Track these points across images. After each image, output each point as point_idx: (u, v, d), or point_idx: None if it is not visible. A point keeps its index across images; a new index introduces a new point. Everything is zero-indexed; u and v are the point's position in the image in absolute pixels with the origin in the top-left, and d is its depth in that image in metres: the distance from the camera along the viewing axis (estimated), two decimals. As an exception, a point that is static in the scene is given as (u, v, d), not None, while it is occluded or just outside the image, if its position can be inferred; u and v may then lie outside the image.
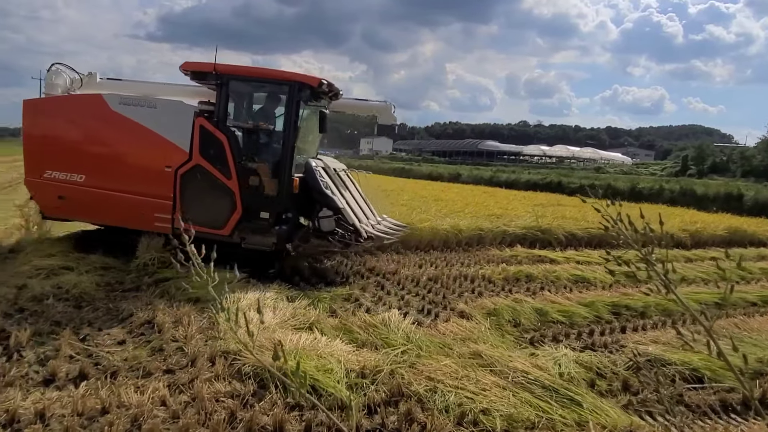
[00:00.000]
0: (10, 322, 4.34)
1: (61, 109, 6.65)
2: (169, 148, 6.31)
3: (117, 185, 6.42)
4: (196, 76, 6.82)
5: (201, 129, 6.33)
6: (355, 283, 6.55)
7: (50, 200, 6.52)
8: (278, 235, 6.40)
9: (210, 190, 6.36)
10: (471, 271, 7.62)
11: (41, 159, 6.46)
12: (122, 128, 6.34)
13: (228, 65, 6.52)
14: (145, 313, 4.78)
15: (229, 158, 6.32)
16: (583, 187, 27.39)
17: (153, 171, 6.34)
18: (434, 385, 3.60)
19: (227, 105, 6.53)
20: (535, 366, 3.96)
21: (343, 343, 4.23)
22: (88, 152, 6.47)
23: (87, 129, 6.51)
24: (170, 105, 6.66)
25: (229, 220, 6.38)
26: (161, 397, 3.29)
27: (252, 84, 6.97)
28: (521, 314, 5.54)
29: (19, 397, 3.17)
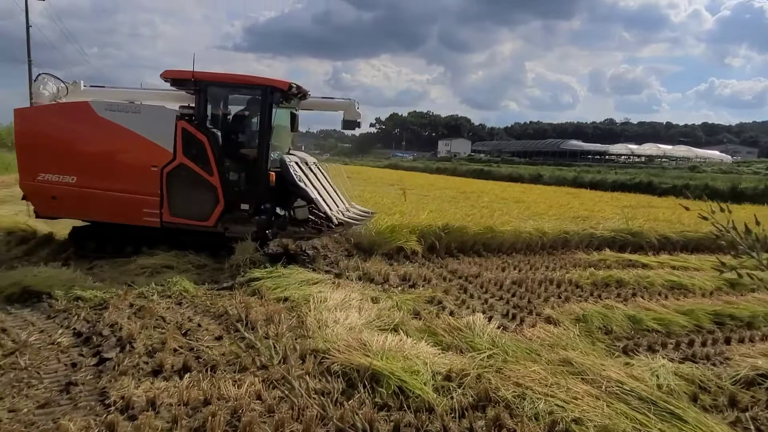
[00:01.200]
0: (121, 316, 4.72)
1: (51, 116, 7.15)
2: (154, 149, 6.85)
3: (107, 185, 6.94)
4: (175, 83, 7.36)
5: (183, 131, 6.87)
6: (437, 285, 6.55)
7: (44, 201, 7.00)
8: (258, 223, 7.07)
9: (194, 186, 6.95)
10: (557, 275, 7.39)
11: (34, 163, 6.94)
12: (109, 132, 6.85)
13: (205, 72, 7.10)
14: (239, 311, 5.03)
15: (210, 157, 6.90)
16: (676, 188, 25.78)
17: (140, 170, 6.89)
18: (522, 392, 3.54)
19: (206, 108, 7.07)
20: (630, 376, 3.78)
21: (428, 346, 4.24)
22: (78, 155, 6.94)
23: (76, 134, 6.97)
24: (153, 110, 7.26)
25: (213, 213, 7.00)
26: (257, 392, 3.45)
27: (228, 89, 7.46)
28: (613, 321, 5.30)
29: (132, 386, 3.44)
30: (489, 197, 16.55)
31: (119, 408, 3.18)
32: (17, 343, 4.08)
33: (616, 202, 16.75)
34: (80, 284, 5.52)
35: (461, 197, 16.04)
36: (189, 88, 7.30)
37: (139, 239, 7.14)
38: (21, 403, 3.24)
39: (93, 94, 7.89)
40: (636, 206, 15.61)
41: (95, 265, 6.50)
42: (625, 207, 14.63)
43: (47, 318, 4.76)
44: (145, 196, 6.90)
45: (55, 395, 3.37)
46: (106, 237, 7.27)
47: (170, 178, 6.89)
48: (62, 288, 5.31)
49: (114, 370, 3.70)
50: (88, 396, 3.37)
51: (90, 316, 4.79)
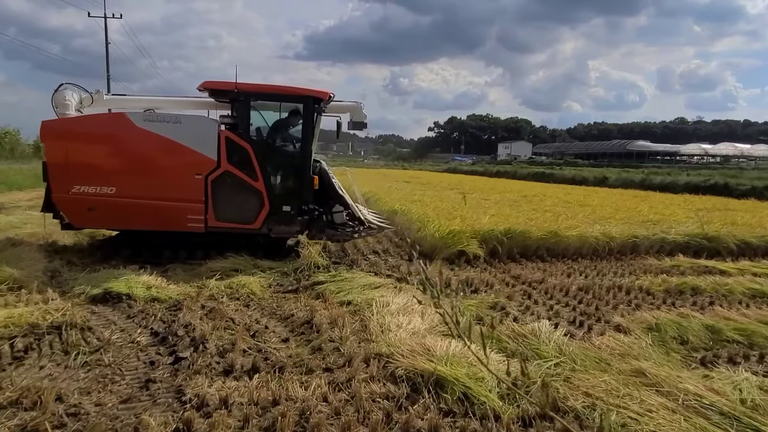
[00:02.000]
0: (194, 317, 4.93)
1: (83, 128, 7.21)
2: (197, 157, 7.05)
3: (149, 193, 7.09)
4: (214, 93, 7.63)
5: (227, 140, 7.13)
6: (500, 291, 6.45)
7: (80, 212, 7.05)
8: (301, 224, 7.54)
9: (240, 192, 7.24)
10: (626, 281, 7.11)
11: (68, 176, 6.93)
12: (150, 142, 6.97)
13: (248, 84, 7.33)
14: (304, 314, 5.15)
15: (254, 163, 7.22)
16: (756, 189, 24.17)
17: (183, 178, 7.08)
18: (592, 402, 3.43)
19: (249, 118, 7.34)
20: (710, 389, 3.57)
21: (492, 352, 4.18)
22: (117, 166, 7.03)
23: (114, 145, 7.04)
24: (195, 120, 7.45)
25: (259, 216, 7.34)
26: (323, 394, 3.52)
27: (270, 98, 7.68)
28: (689, 331, 5.04)
29: (206, 384, 3.59)
30: (552, 201, 16.12)
31: (194, 405, 3.32)
32: (101, 341, 4.34)
33: (689, 205, 15.90)
34: (156, 286, 5.83)
35: (523, 201, 15.72)
36: (231, 98, 7.47)
37: (175, 244, 7.39)
38: (106, 398, 3.45)
39: (115, 103, 8.10)
40: (711, 209, 14.75)
41: (169, 269, 6.83)
42: (699, 210, 13.87)
43: (127, 318, 5.05)
44: (189, 203, 7.12)
45: (135, 391, 3.56)
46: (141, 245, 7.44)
47: (215, 185, 7.14)
48: (140, 290, 5.62)
49: (188, 368, 3.87)
50: (166, 393, 3.54)
51: (165, 316, 5.04)
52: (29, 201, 14.17)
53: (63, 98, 7.37)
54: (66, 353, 4.12)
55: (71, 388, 3.53)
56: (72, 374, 3.78)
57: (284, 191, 7.50)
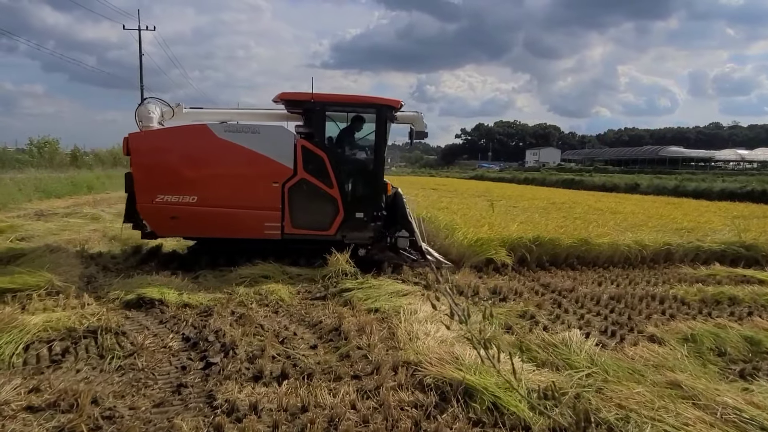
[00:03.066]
0: (224, 323, 5.00)
1: (168, 139, 7.43)
2: (275, 166, 7.25)
3: (229, 202, 7.27)
4: (288, 104, 7.86)
5: (303, 149, 7.31)
6: (530, 299, 6.36)
7: (163, 221, 7.25)
8: (375, 230, 7.67)
9: (315, 199, 7.41)
10: (659, 290, 6.94)
11: (152, 185, 7.13)
12: (230, 152, 7.19)
13: (324, 94, 7.53)
14: (332, 321, 5.17)
15: (330, 171, 7.38)
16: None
17: (261, 187, 7.27)
18: (626, 414, 3.34)
19: (324, 127, 7.51)
20: (750, 403, 3.45)
21: (521, 361, 4.13)
22: (199, 176, 7.22)
23: (196, 155, 7.26)
24: (272, 130, 7.60)
25: (334, 222, 7.50)
26: (351, 401, 3.52)
27: (345, 108, 7.91)
28: (726, 342, 4.88)
29: (236, 390, 3.63)
30: (582, 208, 15.87)
31: (225, 410, 3.36)
32: (135, 345, 4.44)
33: (725, 212, 15.46)
34: (188, 292, 5.93)
35: (552, 208, 15.51)
36: (306, 108, 7.65)
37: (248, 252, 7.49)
38: (139, 401, 3.52)
39: (193, 116, 8.37)
40: (749, 217, 14.32)
41: (200, 275, 6.94)
42: (736, 217, 13.47)
43: (159, 323, 5.15)
44: (267, 211, 7.31)
45: (168, 395, 3.63)
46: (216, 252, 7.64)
47: (291, 193, 7.33)
48: (172, 295, 5.73)
49: (219, 374, 3.92)
50: (197, 398, 3.60)
51: (196, 322, 5.12)
52: (66, 208, 14.61)
53: (147, 111, 7.62)
54: (101, 357, 4.22)
55: (106, 392, 3.61)
56: (107, 378, 3.87)
57: (358, 198, 7.65)
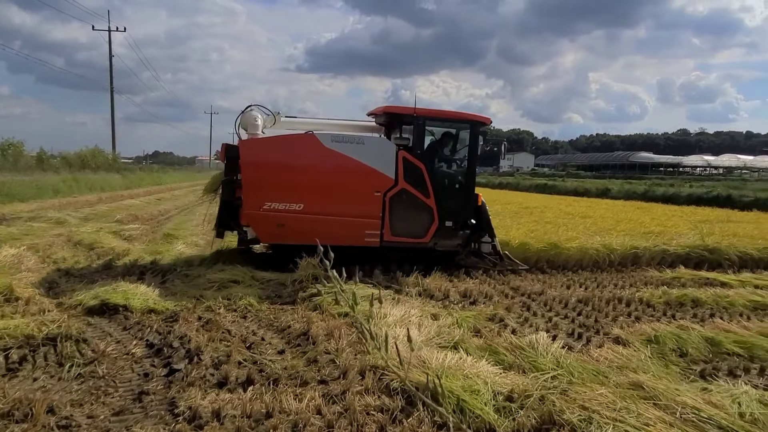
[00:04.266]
0: (190, 328, 4.91)
1: (276, 147, 7.55)
2: (378, 176, 7.53)
3: (333, 210, 7.47)
4: (391, 117, 8.19)
5: (404, 160, 7.63)
6: (499, 302, 6.41)
7: (269, 228, 7.34)
8: (463, 237, 8.13)
9: (413, 208, 7.74)
10: (626, 293, 7.06)
11: (260, 193, 7.23)
12: (336, 162, 7.37)
13: (424, 109, 7.91)
14: (301, 325, 5.13)
15: (427, 181, 7.73)
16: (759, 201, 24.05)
17: (364, 196, 7.55)
18: (589, 415, 3.38)
19: (423, 140, 7.87)
20: (709, 403, 3.53)
21: (489, 364, 4.14)
22: (305, 184, 7.35)
23: (304, 164, 7.37)
24: (375, 141, 7.97)
25: (429, 230, 7.85)
26: (317, 406, 3.49)
27: (442, 122, 8.35)
28: (688, 343, 4.99)
29: (199, 397, 3.56)
30: (553, 212, 16.09)
31: (186, 418, 3.29)
32: (96, 352, 4.32)
33: (691, 217, 15.86)
34: (153, 298, 5.81)
35: (524, 212, 15.70)
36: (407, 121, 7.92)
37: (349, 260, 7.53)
38: (98, 410, 3.42)
39: (289, 125, 8.44)
40: (713, 221, 14.71)
41: (167, 280, 6.82)
42: (701, 222, 13.83)
43: (123, 329, 5.03)
44: (368, 219, 7.56)
45: (128, 403, 3.54)
46: None
47: (392, 202, 7.62)
48: (137, 301, 5.61)
49: (183, 381, 3.84)
50: (159, 405, 3.52)
51: (162, 328, 5.02)
52: (30, 212, 14.22)
53: (253, 119, 7.74)
54: (60, 365, 4.10)
55: (63, 400, 3.50)
56: (65, 386, 3.76)
57: (450, 207, 7.94)
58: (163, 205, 17.63)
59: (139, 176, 35.27)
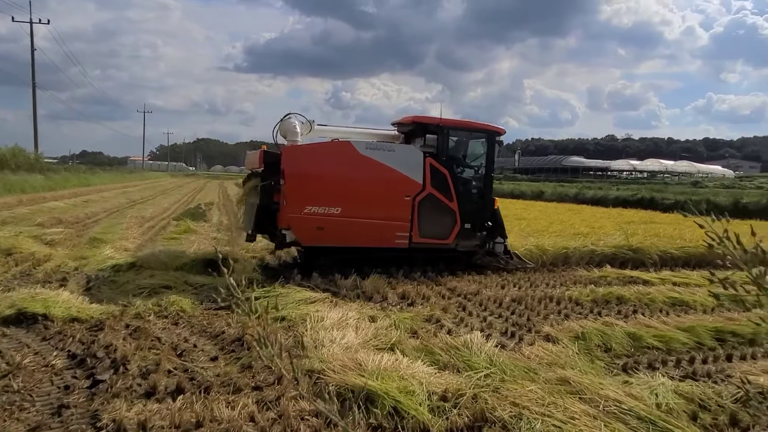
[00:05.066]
0: (117, 337, 4.69)
1: (317, 154, 7.93)
2: (407, 181, 8.00)
3: (367, 213, 7.86)
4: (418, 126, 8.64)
5: (430, 166, 8.10)
6: (436, 303, 6.51)
7: (310, 231, 7.61)
8: (480, 238, 8.72)
9: (439, 211, 8.22)
10: (557, 292, 7.34)
11: (302, 197, 7.52)
12: (370, 168, 7.81)
13: (448, 119, 8.56)
14: (235, 331, 5.01)
15: (450, 186, 8.27)
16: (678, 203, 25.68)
17: (396, 200, 7.99)
18: (519, 412, 3.48)
19: (447, 147, 8.45)
20: (629, 395, 3.72)
21: (424, 365, 4.19)
22: (343, 189, 7.75)
23: (342, 169, 7.76)
24: (405, 148, 8.47)
25: (452, 232, 8.36)
26: (250, 413, 3.41)
27: (464, 132, 8.99)
28: (612, 339, 5.25)
29: (124, 408, 3.40)
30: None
31: (110, 431, 3.14)
32: (11, 365, 4.05)
33: (618, 218, 16.71)
34: (76, 305, 5.51)
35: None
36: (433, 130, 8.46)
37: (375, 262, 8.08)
38: (12, 426, 3.20)
39: (322, 132, 8.76)
40: (638, 222, 15.56)
41: (93, 287, 6.49)
42: (626, 223, 14.58)
43: (42, 340, 4.74)
44: (398, 222, 7.98)
45: (46, 418, 3.33)
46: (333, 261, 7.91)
47: (420, 206, 8.07)
48: (59, 309, 5.30)
49: (107, 392, 3.66)
50: (80, 419, 3.33)
51: (85, 337, 4.77)
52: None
53: (293, 126, 8.10)
54: (-31, 380, 3.81)
55: (-28, 418, 3.26)
56: (-25, 402, 3.50)
57: (470, 210, 8.48)
58: (91, 207, 16.75)
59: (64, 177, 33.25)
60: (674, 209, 24.08)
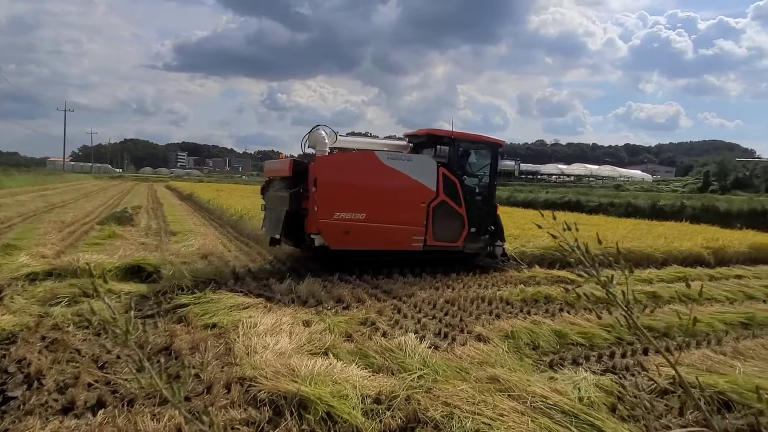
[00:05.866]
0: (31, 350, 4.40)
1: (345, 164, 8.63)
2: (423, 189, 8.61)
3: (388, 219, 8.37)
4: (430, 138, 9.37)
5: (443, 175, 8.75)
6: (371, 306, 6.52)
7: (338, 235, 8.06)
8: (483, 241, 9.44)
9: (450, 217, 8.88)
10: (488, 293, 7.54)
11: (332, 204, 7.99)
12: (392, 176, 8.37)
13: (458, 132, 9.26)
14: (163, 340, 4.82)
15: (460, 193, 8.95)
16: (602, 206, 27.10)
17: (413, 206, 8.58)
18: (451, 411, 3.55)
19: (458, 158, 9.17)
20: (554, 390, 3.88)
21: (358, 368, 4.20)
22: (368, 196, 8.27)
23: (367, 178, 8.33)
24: (421, 158, 9.08)
25: (461, 236, 9.05)
26: (177, 425, 3.29)
27: (471, 144, 9.71)
28: (540, 336, 5.46)
29: (38, 426, 3.19)
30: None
31: (21, 451, 2.94)
32: None
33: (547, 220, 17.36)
34: (-14, 317, 5.12)
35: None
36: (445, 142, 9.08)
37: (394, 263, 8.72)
38: None
39: (343, 142, 9.21)
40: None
41: (4, 297, 6.05)
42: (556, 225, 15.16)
43: (-55, 355, 4.37)
44: (414, 226, 8.57)
45: (-52, 441, 3.08)
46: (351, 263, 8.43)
47: (434, 212, 8.69)
48: (-35, 322, 4.90)
49: (19, 409, 3.43)
50: (-13, 440, 3.10)
51: (-5, 351, 4.44)
52: None
53: (322, 138, 8.59)
54: None
55: None
56: None
57: (476, 216, 9.20)
58: (4, 212, 15.60)
59: (-26, 179, 30.90)
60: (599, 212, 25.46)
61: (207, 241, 10.96)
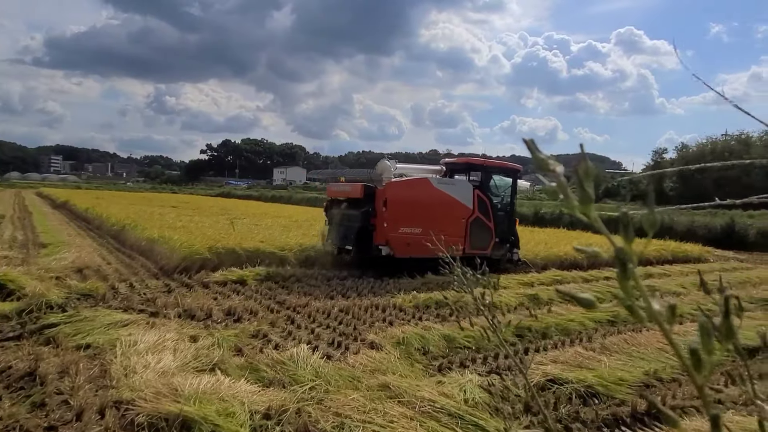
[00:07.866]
0: None
1: (407, 187, 10.15)
2: (463, 207, 10.42)
3: (437, 232, 8.82)
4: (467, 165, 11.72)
5: (477, 196, 10.60)
6: (264, 318, 6.36)
7: (401, 246, 9.62)
8: (506, 249, 11.21)
9: (482, 229, 10.66)
10: (382, 300, 7.65)
11: (399, 220, 9.61)
12: (441, 198, 10.15)
13: (488, 161, 12.28)
14: (26, 364, 4.36)
15: (489, 210, 10.78)
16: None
17: (455, 221, 10.30)
18: (342, 421, 3.55)
19: (489, 182, 11.15)
20: (442, 394, 4.01)
21: (248, 383, 4.07)
22: (423, 214, 9.81)
23: (423, 199, 9.93)
24: (461, 182, 11.03)
25: (490, 245, 10.78)
26: (40, 459, 2.98)
27: (497, 170, 11.61)
28: (430, 342, 5.61)
29: None
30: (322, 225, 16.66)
31: None
32: None
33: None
34: None
35: (293, 225, 15.95)
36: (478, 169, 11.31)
37: None
38: None
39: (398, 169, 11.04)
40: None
41: None
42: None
43: None
44: (456, 237, 10.00)
45: None
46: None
47: (471, 225, 10.46)
48: None
49: None
50: None
51: None
52: None
53: (389, 168, 10.85)
54: None
55: None
56: None
57: (501, 228, 10.97)
58: None
59: None
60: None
61: (83, 253, 10.10)
